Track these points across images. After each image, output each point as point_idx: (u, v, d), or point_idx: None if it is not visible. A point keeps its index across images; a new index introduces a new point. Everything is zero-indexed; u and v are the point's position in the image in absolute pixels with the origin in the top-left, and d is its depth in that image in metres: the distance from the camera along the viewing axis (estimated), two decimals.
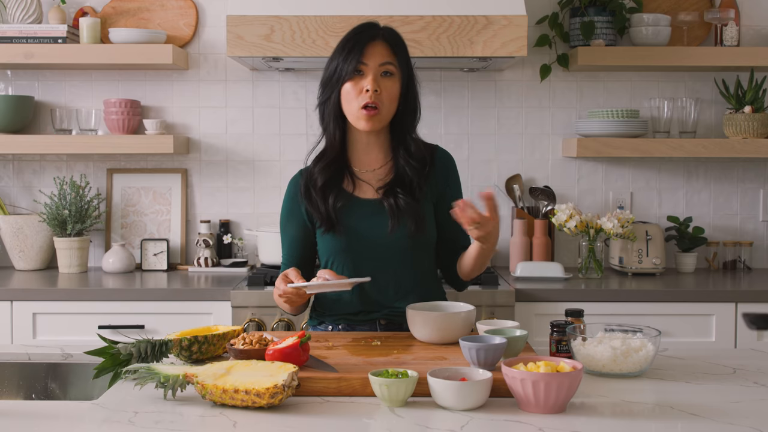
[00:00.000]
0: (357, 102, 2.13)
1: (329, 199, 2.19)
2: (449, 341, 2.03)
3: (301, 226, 2.26)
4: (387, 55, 2.15)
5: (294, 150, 3.56)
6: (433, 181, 2.26)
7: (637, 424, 1.55)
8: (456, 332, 2.01)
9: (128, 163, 3.59)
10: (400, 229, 2.18)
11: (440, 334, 2.02)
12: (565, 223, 3.23)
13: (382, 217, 2.20)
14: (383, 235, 2.19)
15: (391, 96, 2.15)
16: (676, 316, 3.01)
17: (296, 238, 2.28)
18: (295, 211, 2.27)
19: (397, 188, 2.20)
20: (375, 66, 2.13)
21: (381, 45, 2.15)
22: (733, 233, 3.61)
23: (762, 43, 3.54)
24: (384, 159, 2.26)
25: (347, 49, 2.14)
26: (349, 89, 2.14)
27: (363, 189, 2.24)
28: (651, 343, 1.86)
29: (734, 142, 3.34)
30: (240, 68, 3.54)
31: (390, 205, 2.18)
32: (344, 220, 2.20)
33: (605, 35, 3.41)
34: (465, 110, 3.58)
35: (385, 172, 2.25)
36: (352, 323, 2.25)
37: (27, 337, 2.98)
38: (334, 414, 1.60)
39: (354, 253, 2.20)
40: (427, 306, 2.13)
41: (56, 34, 3.31)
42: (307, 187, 2.23)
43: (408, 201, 2.18)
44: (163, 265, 3.43)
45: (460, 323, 2.03)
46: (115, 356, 1.76)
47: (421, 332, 2.05)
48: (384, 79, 2.14)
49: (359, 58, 2.12)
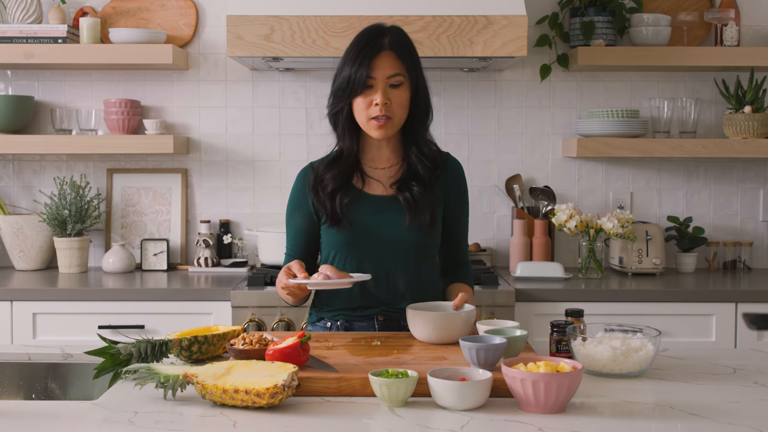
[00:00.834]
0: (367, 114, 2.16)
1: (336, 199, 2.22)
2: (449, 341, 2.03)
3: (307, 219, 2.29)
4: (395, 66, 2.16)
5: (294, 150, 3.56)
6: (443, 187, 2.28)
7: (637, 424, 1.55)
8: (456, 332, 2.01)
9: (128, 163, 3.59)
10: (416, 221, 2.20)
11: (440, 335, 2.02)
12: (565, 223, 3.23)
13: (391, 213, 2.22)
14: (391, 231, 2.21)
15: (401, 104, 2.18)
16: (676, 316, 3.01)
17: (301, 229, 2.30)
18: (302, 204, 2.29)
19: (411, 182, 2.22)
20: (383, 78, 2.15)
21: (388, 55, 2.17)
22: (733, 233, 3.61)
23: (762, 43, 3.54)
24: (396, 158, 2.28)
25: (357, 62, 2.15)
26: (359, 102, 2.17)
27: (372, 185, 2.26)
28: (651, 343, 1.86)
29: (734, 142, 3.34)
30: (240, 68, 3.54)
31: (405, 198, 2.20)
32: (351, 215, 2.22)
33: (605, 35, 3.41)
34: (465, 110, 3.58)
35: (396, 170, 2.27)
36: (351, 318, 2.25)
37: (27, 337, 2.98)
38: (334, 414, 1.60)
39: (358, 248, 2.22)
40: (427, 306, 2.13)
41: (56, 34, 3.31)
42: (316, 185, 2.25)
43: (423, 193, 2.21)
44: (163, 265, 3.43)
45: (460, 323, 2.03)
46: (115, 356, 1.76)
47: (421, 332, 2.05)
48: (393, 90, 2.17)
49: (368, 72, 2.14)
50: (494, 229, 3.60)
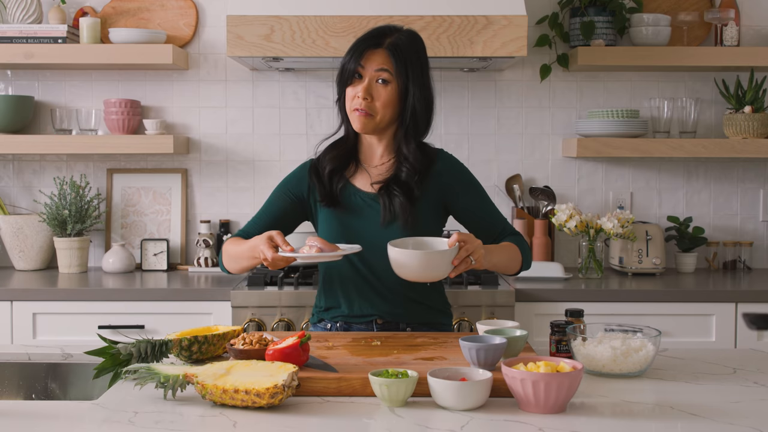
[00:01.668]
0: (351, 104, 2.21)
1: (333, 180, 2.27)
2: (428, 279, 2.00)
3: (290, 204, 2.32)
4: (384, 63, 2.18)
5: (294, 150, 3.56)
6: (438, 186, 2.27)
7: (637, 424, 1.55)
8: (437, 269, 1.97)
9: (128, 163, 3.59)
10: (392, 224, 2.20)
11: (419, 272, 1.96)
12: (565, 223, 3.23)
13: (374, 210, 2.23)
14: (374, 227, 2.22)
15: (386, 103, 2.19)
16: (676, 316, 3.00)
17: (279, 208, 2.33)
18: (294, 190, 2.33)
19: (394, 186, 2.22)
20: (371, 72, 2.18)
21: (381, 53, 2.19)
22: (733, 233, 3.61)
23: (762, 43, 3.54)
24: (387, 157, 2.29)
25: (352, 52, 2.21)
26: (348, 91, 2.22)
27: (360, 179, 2.29)
28: (651, 343, 1.86)
29: (734, 142, 3.34)
30: (240, 68, 3.54)
31: (384, 201, 2.22)
32: (343, 200, 2.26)
33: (605, 35, 3.41)
34: (465, 110, 3.58)
35: (386, 170, 2.28)
36: (350, 321, 2.26)
37: (27, 337, 2.98)
38: (334, 414, 1.60)
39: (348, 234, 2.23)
40: (413, 242, 2.07)
41: (56, 34, 3.31)
42: (317, 167, 2.31)
43: (401, 201, 2.20)
44: (163, 265, 3.43)
45: (438, 260, 1.96)
46: (115, 356, 1.76)
47: (400, 268, 1.98)
48: (379, 86, 2.18)
49: (358, 62, 2.18)
50: None
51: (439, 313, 2.32)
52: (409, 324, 2.25)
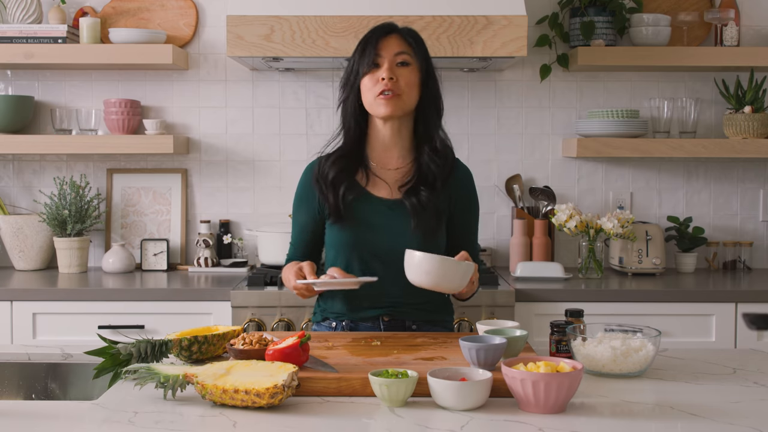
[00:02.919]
0: (374, 91, 2.16)
1: (339, 190, 2.22)
2: (444, 289, 2.00)
3: (312, 213, 2.29)
4: (402, 46, 2.19)
5: (294, 150, 3.56)
6: (454, 194, 2.27)
7: (637, 424, 1.55)
8: (452, 280, 1.98)
9: (128, 163, 3.59)
10: (421, 227, 2.19)
11: (435, 280, 1.98)
12: (565, 223, 3.23)
13: (395, 216, 2.21)
14: (394, 235, 2.19)
15: (410, 83, 2.17)
16: (676, 316, 3.00)
17: (305, 223, 2.32)
18: (307, 198, 2.30)
19: (420, 186, 2.21)
20: (390, 56, 2.17)
21: (396, 37, 2.20)
22: (733, 233, 3.61)
23: (762, 43, 3.54)
24: (405, 160, 2.27)
25: (363, 45, 2.19)
26: (366, 82, 2.18)
27: (377, 187, 2.25)
28: (651, 343, 1.86)
29: (734, 142, 3.34)
30: (240, 68, 3.54)
31: (412, 203, 2.19)
32: (355, 213, 2.22)
33: (605, 35, 3.41)
34: (465, 110, 3.58)
35: (405, 173, 2.26)
36: (356, 320, 2.25)
37: (27, 337, 2.98)
38: (334, 414, 1.60)
39: (362, 248, 2.21)
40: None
41: (56, 34, 3.31)
42: (319, 176, 2.26)
43: (430, 199, 2.19)
44: (163, 265, 3.43)
45: (456, 270, 1.98)
46: (115, 356, 1.76)
47: (416, 274, 1.99)
48: (400, 68, 2.17)
49: (374, 51, 2.17)
50: (494, 229, 3.60)
51: (443, 311, 2.33)
52: (414, 322, 2.25)
